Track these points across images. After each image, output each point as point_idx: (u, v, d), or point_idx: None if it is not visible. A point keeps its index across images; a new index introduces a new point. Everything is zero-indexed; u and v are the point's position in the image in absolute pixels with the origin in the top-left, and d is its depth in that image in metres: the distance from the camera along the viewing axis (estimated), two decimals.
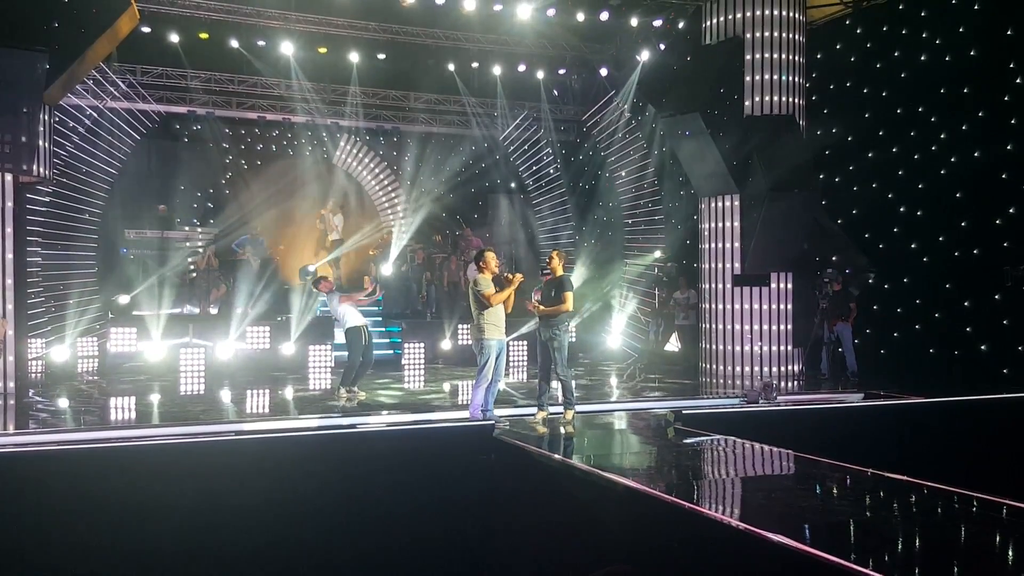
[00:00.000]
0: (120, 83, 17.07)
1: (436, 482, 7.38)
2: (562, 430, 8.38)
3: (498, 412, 9.03)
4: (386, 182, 21.31)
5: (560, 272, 8.75)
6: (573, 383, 8.77)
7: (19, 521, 6.32)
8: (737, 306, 12.75)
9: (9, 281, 10.41)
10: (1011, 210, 11.73)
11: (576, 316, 12.87)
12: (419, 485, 7.32)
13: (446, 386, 12.45)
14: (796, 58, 12.84)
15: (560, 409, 8.80)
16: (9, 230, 10.44)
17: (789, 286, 12.74)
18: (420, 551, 7.22)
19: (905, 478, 6.14)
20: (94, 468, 6.79)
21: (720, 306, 12.89)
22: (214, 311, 15.46)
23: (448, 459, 7.62)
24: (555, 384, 8.97)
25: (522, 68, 18.99)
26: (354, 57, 17.85)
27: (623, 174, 18.70)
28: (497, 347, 8.51)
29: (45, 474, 6.66)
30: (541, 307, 8.60)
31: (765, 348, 12.63)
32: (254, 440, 7.76)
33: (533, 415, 8.78)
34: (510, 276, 8.75)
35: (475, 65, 18.76)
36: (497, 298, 8.40)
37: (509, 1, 15.17)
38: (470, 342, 15.00)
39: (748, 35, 12.71)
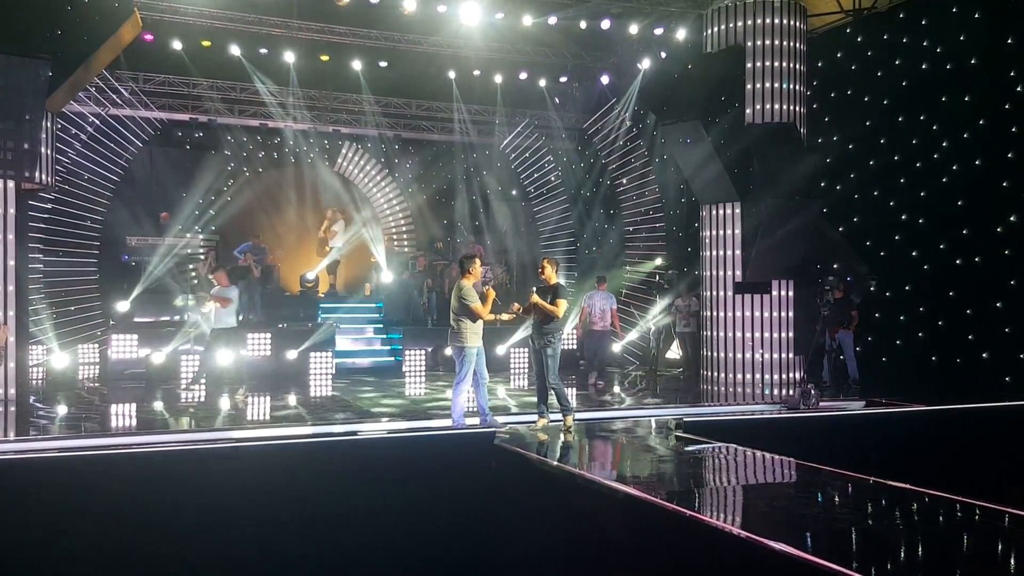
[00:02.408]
0: (122, 90, 17.13)
1: (436, 490, 7.36)
2: (562, 437, 8.38)
3: (500, 420, 9.05)
4: (387, 189, 21.35)
5: (554, 280, 8.81)
6: (567, 390, 8.82)
7: (19, 528, 6.30)
8: (738, 313, 12.74)
9: (11, 288, 10.42)
10: (1012, 218, 11.72)
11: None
12: (419, 493, 7.31)
13: (448, 393, 12.42)
14: (797, 66, 12.87)
15: (559, 416, 8.81)
16: (11, 237, 10.46)
17: (790, 294, 12.74)
18: (420, 559, 7.20)
19: (907, 486, 6.12)
20: (94, 475, 6.79)
21: (721, 313, 12.89)
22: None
23: (449, 467, 7.61)
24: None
25: (523, 76, 19.03)
26: (357, 65, 17.91)
27: (624, 181, 18.73)
28: (478, 353, 8.69)
29: (45, 481, 6.64)
30: (536, 298, 8.65)
31: (767, 356, 12.61)
32: (254, 447, 7.75)
33: (534, 423, 8.79)
34: (486, 290, 8.90)
35: (476, 73, 18.81)
36: (485, 312, 8.61)
37: (511, 10, 15.21)
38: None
39: (749, 43, 12.74)
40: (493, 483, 7.63)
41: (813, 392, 10.21)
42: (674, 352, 15.60)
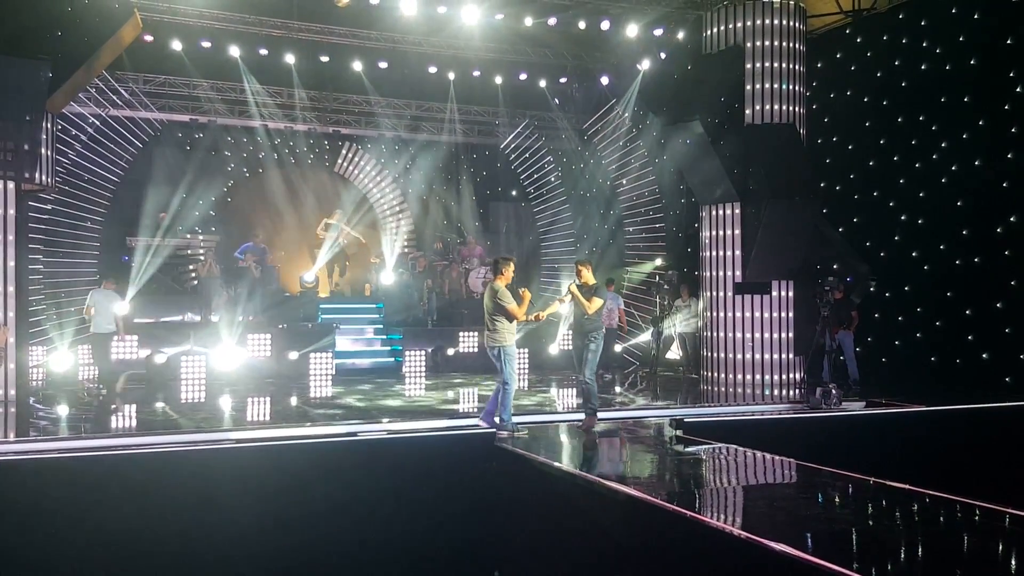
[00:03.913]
0: (122, 91, 17.12)
1: (437, 490, 7.38)
2: (563, 438, 8.38)
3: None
4: (387, 190, 21.35)
5: (592, 281, 8.89)
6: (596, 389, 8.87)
7: (19, 528, 6.31)
8: (739, 314, 12.74)
9: (11, 288, 10.41)
10: (1012, 219, 11.73)
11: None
12: (420, 493, 7.32)
13: (448, 394, 12.44)
14: (796, 67, 12.86)
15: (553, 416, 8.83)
16: (11, 238, 10.45)
17: (790, 294, 12.73)
18: (420, 559, 7.21)
19: (907, 486, 6.13)
20: (94, 476, 6.79)
21: (722, 314, 12.89)
22: (215, 318, 15.46)
23: (449, 467, 7.62)
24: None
25: (523, 77, 19.04)
26: (357, 66, 17.90)
27: (624, 182, 18.73)
28: (514, 352, 8.69)
29: (45, 482, 6.65)
30: (573, 287, 8.75)
31: (767, 356, 12.61)
32: (254, 448, 7.75)
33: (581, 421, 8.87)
34: (522, 292, 8.88)
35: (476, 73, 18.81)
36: (521, 313, 8.59)
37: (511, 11, 15.21)
38: (466, 349, 15.31)
39: (748, 44, 12.73)
40: (493, 484, 7.64)
41: (834, 392, 10.17)
42: (674, 352, 15.60)
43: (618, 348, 16.37)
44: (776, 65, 12.70)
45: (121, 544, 6.43)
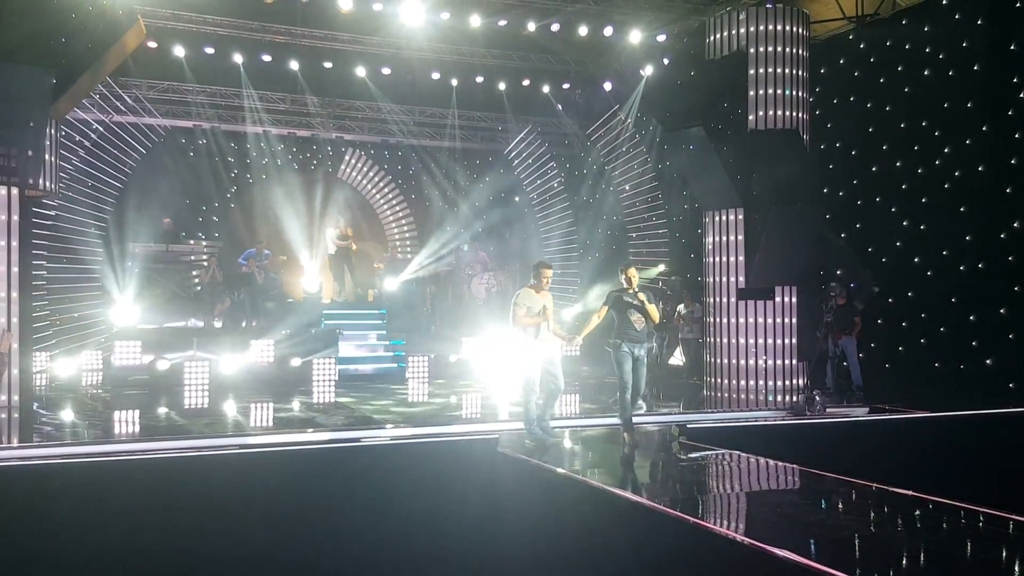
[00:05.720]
0: (126, 97, 17.19)
1: (439, 496, 7.36)
2: (567, 444, 8.37)
3: (503, 427, 9.03)
4: (391, 196, 21.38)
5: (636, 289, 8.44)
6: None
7: (22, 535, 6.31)
8: (742, 319, 12.73)
9: (14, 294, 10.44)
10: (1015, 224, 11.71)
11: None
12: (423, 498, 7.31)
13: (451, 399, 12.43)
14: (799, 73, 12.87)
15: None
16: (15, 243, 10.48)
17: (794, 300, 12.73)
18: (421, 564, 7.19)
19: (911, 493, 6.12)
20: (98, 482, 6.79)
21: (724, 319, 12.88)
22: (218, 324, 15.47)
23: (451, 473, 7.61)
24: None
25: (526, 83, 19.08)
26: (360, 72, 17.95)
27: (627, 188, 18.75)
28: (534, 361, 8.35)
29: (49, 488, 6.65)
30: (643, 297, 8.28)
31: (770, 362, 12.60)
32: (258, 453, 7.76)
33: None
34: (543, 308, 8.28)
35: (480, 80, 18.85)
36: (519, 322, 8.11)
37: (514, 17, 15.25)
38: (470, 355, 15.30)
39: (752, 50, 12.74)
40: (496, 490, 7.62)
41: (819, 398, 10.14)
42: (677, 358, 15.59)
43: None
44: (779, 71, 12.70)
45: (124, 550, 6.43)
